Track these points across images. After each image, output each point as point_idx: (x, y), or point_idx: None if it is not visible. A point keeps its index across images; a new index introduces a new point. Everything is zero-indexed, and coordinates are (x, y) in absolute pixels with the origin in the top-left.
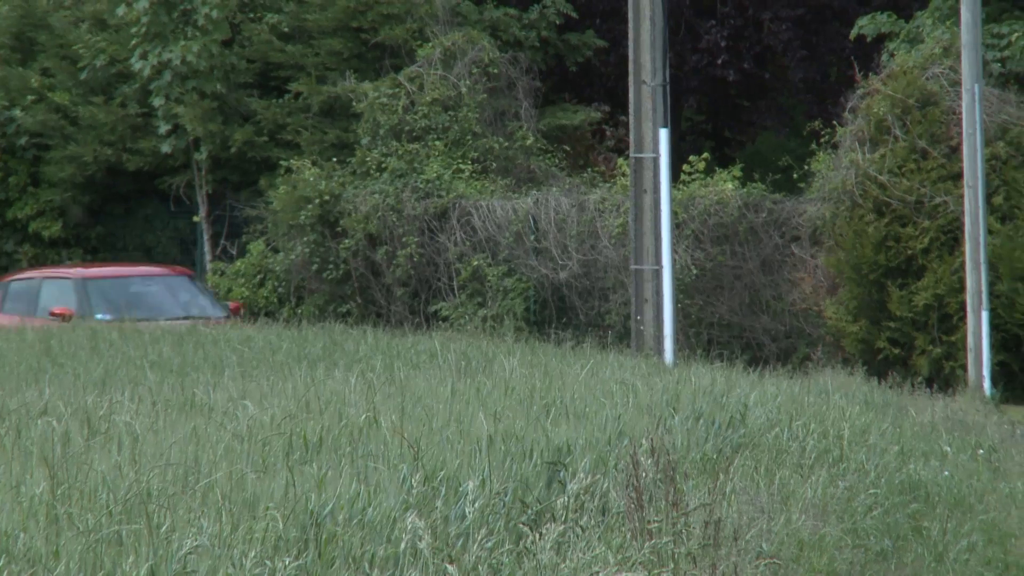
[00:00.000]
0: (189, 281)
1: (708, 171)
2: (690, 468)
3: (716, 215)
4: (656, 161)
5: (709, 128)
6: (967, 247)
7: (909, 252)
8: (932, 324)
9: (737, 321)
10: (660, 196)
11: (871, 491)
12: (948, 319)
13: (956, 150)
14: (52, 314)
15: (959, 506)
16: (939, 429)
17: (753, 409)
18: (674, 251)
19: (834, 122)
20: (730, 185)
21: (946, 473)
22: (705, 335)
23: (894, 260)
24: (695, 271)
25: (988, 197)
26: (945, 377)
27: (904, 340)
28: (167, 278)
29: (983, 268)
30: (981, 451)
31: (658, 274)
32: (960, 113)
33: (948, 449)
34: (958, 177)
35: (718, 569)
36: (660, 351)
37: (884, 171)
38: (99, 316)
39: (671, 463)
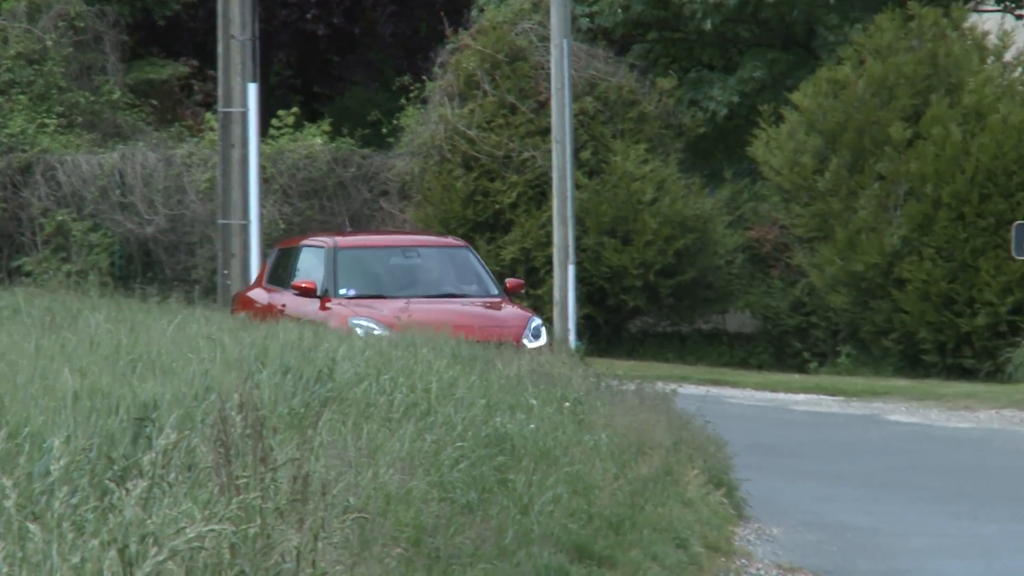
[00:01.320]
0: (468, 254)
1: (297, 126)
2: (279, 423)
3: (305, 170)
4: (245, 116)
5: (298, 83)
6: (555, 202)
7: (497, 206)
8: (519, 277)
9: None
10: (248, 151)
11: (458, 444)
12: (535, 272)
13: (544, 105)
14: (294, 287)
15: (545, 458)
16: (525, 382)
17: (341, 363)
18: (262, 206)
19: (424, 77)
20: (319, 140)
21: (532, 426)
22: None
23: (482, 214)
24: (283, 225)
25: (576, 152)
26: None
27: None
28: (439, 250)
29: (570, 223)
30: (567, 404)
31: (246, 229)
32: (549, 68)
33: (534, 402)
34: (546, 132)
35: (305, 524)
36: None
37: (473, 126)
38: (343, 291)
39: (259, 418)
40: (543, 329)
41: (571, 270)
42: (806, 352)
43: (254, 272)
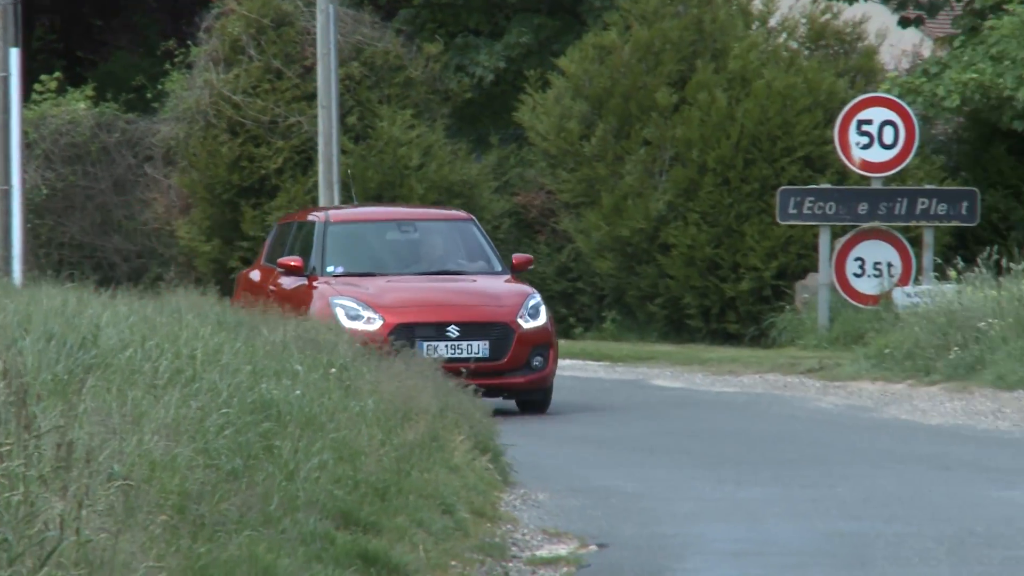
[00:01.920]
0: (471, 228)
1: (60, 91)
2: (42, 390)
3: (68, 135)
4: (6, 80)
5: (62, 47)
6: (320, 167)
7: (263, 172)
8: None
9: (89, 241)
10: (10, 116)
11: (223, 411)
12: None
13: (311, 70)
14: (280, 265)
15: (310, 425)
16: (291, 348)
17: (105, 330)
18: (24, 171)
19: (189, 42)
20: (82, 105)
21: (298, 392)
22: (56, 255)
23: (248, 180)
24: (45, 191)
25: (342, 117)
26: None
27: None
28: (439, 224)
29: (336, 188)
30: (333, 370)
31: (7, 194)
32: (315, 33)
33: (300, 368)
34: (312, 97)
35: (69, 491)
36: (9, 272)
37: (238, 91)
38: (330, 269)
39: (22, 385)
40: (542, 308)
41: None
42: (572, 317)
43: (16, 238)
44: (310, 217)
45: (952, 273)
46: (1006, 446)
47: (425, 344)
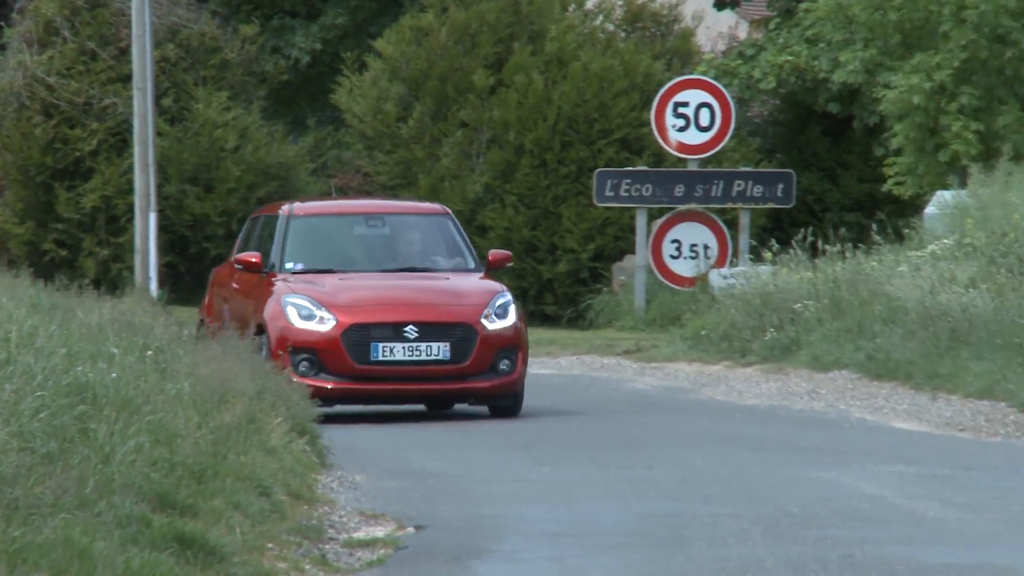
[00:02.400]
0: (446, 222)
1: None
2: None
3: None
4: None
5: None
6: (136, 149)
7: (77, 154)
8: (100, 226)
9: None
10: None
11: (38, 393)
12: (116, 220)
13: (126, 52)
14: (238, 262)
15: (127, 407)
16: (107, 331)
17: None
18: None
19: (2, 23)
20: None
21: (114, 375)
22: None
23: (62, 162)
24: None
25: (158, 99)
26: (112, 279)
27: (71, 242)
28: (411, 218)
29: (152, 170)
30: (149, 352)
31: None
32: (130, 15)
33: (116, 351)
34: (128, 79)
35: None
36: None
37: (52, 73)
38: (289, 266)
39: None
40: (512, 307)
41: (152, 218)
42: None
43: None
44: (274, 210)
45: (768, 255)
46: (821, 427)
47: (381, 346)
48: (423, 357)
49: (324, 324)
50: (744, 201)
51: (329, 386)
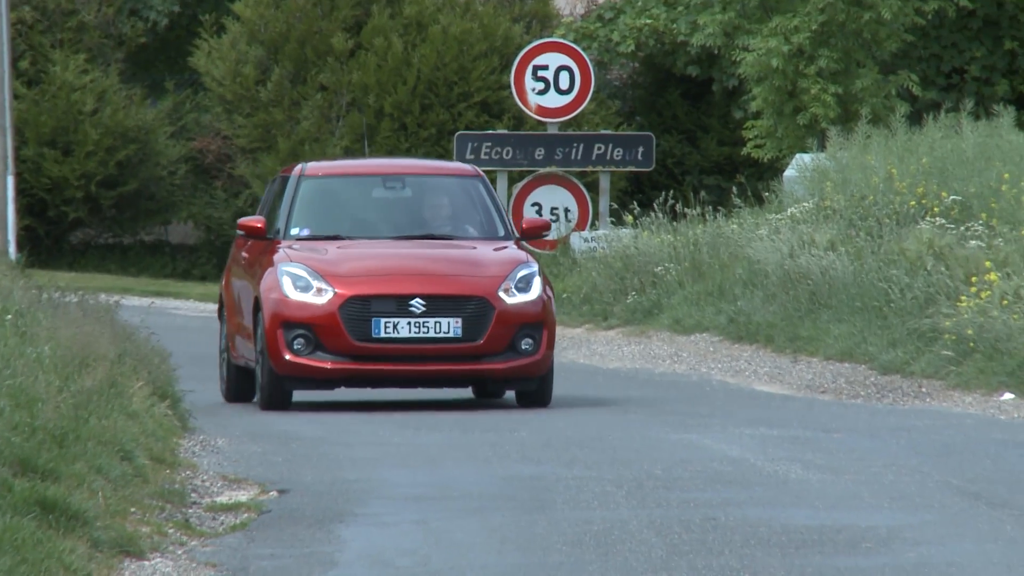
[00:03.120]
0: (476, 185)
1: None
2: None
3: None
4: None
5: None
6: None
7: None
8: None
9: None
10: None
11: None
12: None
13: None
14: (240, 228)
15: None
16: None
17: None
18: None
19: None
20: None
21: None
22: None
23: None
24: None
25: (14, 62)
26: None
27: None
28: (437, 179)
29: (8, 133)
30: (8, 316)
31: None
32: None
33: None
34: None
35: None
36: None
37: None
38: (295, 231)
39: None
40: (536, 279)
41: (10, 181)
42: None
43: None
44: (289, 170)
45: (628, 218)
46: (683, 389)
47: (383, 321)
48: (431, 334)
49: (321, 296)
50: (604, 164)
51: (328, 366)
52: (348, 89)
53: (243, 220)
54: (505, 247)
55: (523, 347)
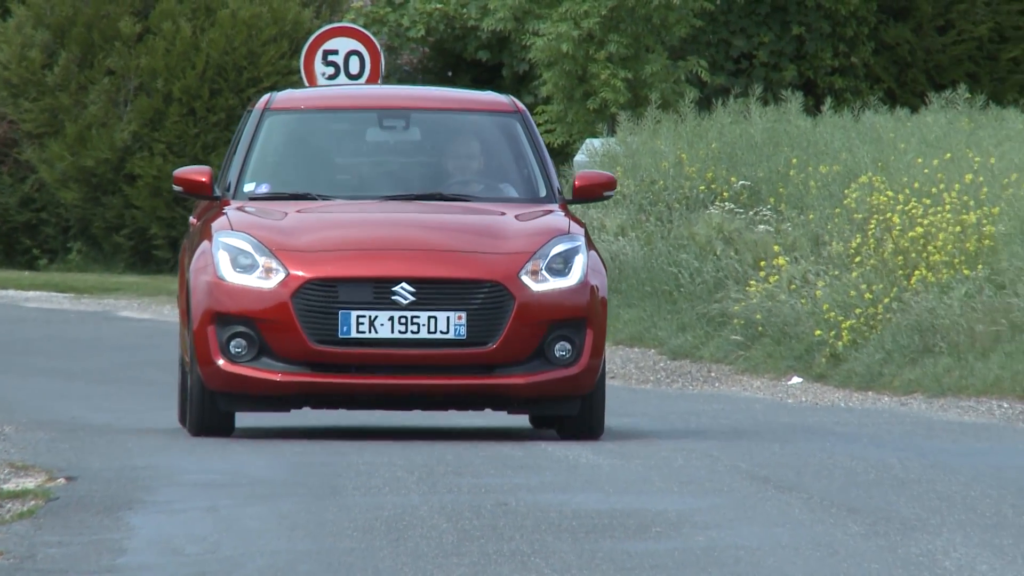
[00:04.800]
0: (513, 126)
1: None
2: None
3: None
4: None
5: None
6: None
7: None
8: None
9: None
10: None
11: None
12: None
13: None
14: (175, 182)
15: None
16: None
17: None
18: None
19: None
20: None
21: None
22: None
23: None
24: None
25: None
26: None
27: None
28: (457, 117)
29: None
30: None
31: None
32: None
33: None
34: None
35: None
36: None
37: None
38: (250, 187)
39: None
40: (579, 257)
41: None
42: (36, 249)
43: None
44: (266, 103)
45: None
46: None
47: (355, 316)
48: (423, 334)
49: (269, 279)
50: None
51: (277, 377)
52: (136, 74)
53: (180, 171)
54: (542, 212)
55: (557, 354)
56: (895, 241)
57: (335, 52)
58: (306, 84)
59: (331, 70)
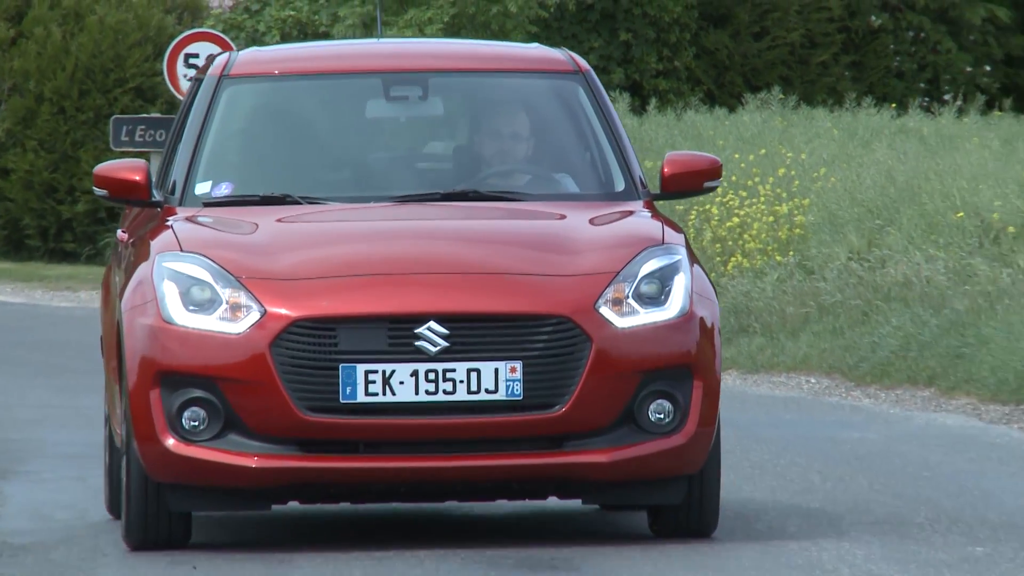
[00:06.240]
0: (574, 90)
1: None
2: None
3: None
4: None
5: None
6: None
7: None
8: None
9: None
10: None
11: None
12: None
13: None
14: (96, 183)
15: None
16: None
17: None
18: None
19: None
20: None
21: None
22: None
23: None
24: None
25: None
26: None
27: None
28: (493, 80)
29: None
30: None
31: None
32: None
33: None
34: None
35: None
36: None
37: None
38: (203, 189)
39: None
40: (680, 277)
41: None
42: None
43: None
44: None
45: None
46: None
47: (363, 371)
48: (460, 395)
49: (237, 320)
50: None
51: (252, 463)
52: (9, 75)
53: (104, 168)
54: (621, 213)
55: (652, 417)
56: (713, 230)
57: (196, 56)
58: (170, 87)
59: (192, 72)
